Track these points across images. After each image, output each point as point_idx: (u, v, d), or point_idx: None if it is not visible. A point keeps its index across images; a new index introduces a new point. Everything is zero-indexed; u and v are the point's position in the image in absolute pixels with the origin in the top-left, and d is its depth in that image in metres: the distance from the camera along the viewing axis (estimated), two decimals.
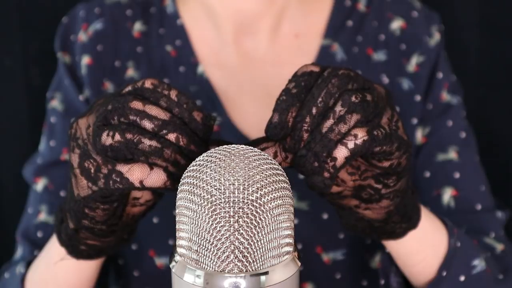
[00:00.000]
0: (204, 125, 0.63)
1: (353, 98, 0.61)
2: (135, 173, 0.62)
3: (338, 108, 0.61)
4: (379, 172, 0.66)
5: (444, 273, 0.80)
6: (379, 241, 0.79)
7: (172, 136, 0.61)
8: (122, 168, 0.63)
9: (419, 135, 0.96)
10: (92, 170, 0.64)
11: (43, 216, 0.95)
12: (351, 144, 0.61)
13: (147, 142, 0.61)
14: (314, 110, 0.61)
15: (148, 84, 0.63)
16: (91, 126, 0.64)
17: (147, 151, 0.61)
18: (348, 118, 0.61)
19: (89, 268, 0.81)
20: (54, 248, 0.79)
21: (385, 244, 0.79)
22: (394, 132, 0.63)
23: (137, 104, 0.62)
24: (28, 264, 0.88)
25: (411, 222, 0.74)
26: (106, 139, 0.61)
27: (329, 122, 0.61)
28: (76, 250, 0.74)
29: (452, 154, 0.95)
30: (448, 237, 0.81)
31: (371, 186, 0.67)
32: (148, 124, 0.61)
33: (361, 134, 0.61)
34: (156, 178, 0.62)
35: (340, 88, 0.62)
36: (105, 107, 0.63)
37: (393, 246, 0.79)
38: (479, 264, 0.83)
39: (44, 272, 0.84)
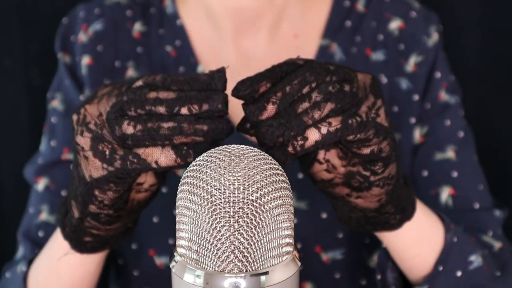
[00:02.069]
0: (212, 79, 0.64)
1: (330, 88, 0.63)
2: (151, 154, 0.64)
3: (315, 94, 0.63)
4: (364, 159, 0.67)
5: (441, 268, 0.81)
6: (373, 233, 0.79)
7: (184, 110, 0.63)
8: (139, 150, 0.65)
9: (417, 135, 0.96)
10: (107, 152, 0.66)
11: (44, 216, 0.95)
12: (324, 130, 0.63)
13: (165, 125, 0.63)
14: (287, 88, 0.63)
15: (158, 77, 0.65)
16: (104, 115, 0.66)
17: (168, 134, 0.63)
18: (323, 105, 0.63)
19: (92, 263, 0.81)
20: (57, 244, 0.80)
21: (380, 237, 0.79)
22: (371, 120, 0.65)
23: (152, 94, 0.64)
24: (30, 262, 0.88)
25: (406, 213, 0.75)
26: (127, 128, 0.63)
27: (305, 104, 0.63)
28: (80, 242, 0.74)
29: (450, 153, 0.95)
30: (444, 232, 0.81)
31: (360, 173, 0.68)
32: (161, 109, 0.63)
33: (335, 123, 0.63)
34: (168, 157, 0.64)
35: (317, 78, 0.63)
36: (120, 98, 0.64)
37: (389, 239, 0.79)
38: (476, 260, 0.83)
39: (47, 268, 0.84)
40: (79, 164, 0.68)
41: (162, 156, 0.64)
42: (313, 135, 0.63)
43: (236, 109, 0.95)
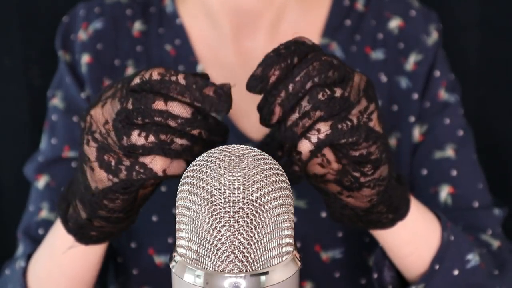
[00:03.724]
0: (219, 96, 0.64)
1: (320, 96, 0.63)
2: (158, 163, 0.65)
3: (305, 103, 0.64)
4: (353, 161, 0.67)
5: (437, 266, 0.81)
6: (366, 230, 0.79)
7: (195, 132, 0.64)
8: (145, 159, 0.65)
9: (417, 133, 0.96)
10: (113, 163, 0.66)
11: (44, 214, 0.95)
12: (314, 138, 0.64)
13: (178, 141, 0.64)
14: (290, 87, 0.64)
15: (155, 75, 0.64)
16: (110, 122, 0.65)
17: (179, 150, 0.64)
18: (312, 114, 0.64)
19: (95, 254, 0.81)
20: (58, 237, 0.80)
21: (375, 235, 0.80)
22: (362, 124, 0.65)
23: (159, 105, 0.64)
24: (28, 258, 0.88)
25: (399, 213, 0.75)
26: (138, 139, 0.64)
27: (294, 116, 0.64)
28: (85, 236, 0.75)
29: (449, 152, 0.95)
30: (441, 230, 0.81)
31: (350, 173, 0.68)
32: (173, 124, 0.64)
33: (323, 129, 0.64)
34: (178, 166, 0.65)
35: (320, 72, 0.64)
36: (125, 105, 0.64)
37: (383, 237, 0.79)
38: (473, 258, 0.83)
39: (48, 262, 0.84)
40: (85, 173, 0.68)
41: (172, 165, 0.65)
42: (305, 147, 0.64)
43: (236, 107, 0.95)
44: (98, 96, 0.68)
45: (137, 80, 0.65)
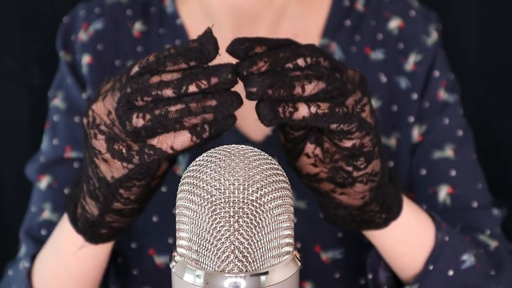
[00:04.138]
0: (202, 44, 0.62)
1: (322, 69, 0.63)
2: (164, 141, 0.64)
3: (307, 70, 0.63)
4: (346, 153, 0.67)
5: (431, 267, 0.81)
6: (360, 231, 0.79)
7: (193, 88, 0.62)
8: (152, 141, 0.64)
9: (416, 133, 0.96)
10: (124, 151, 0.66)
11: (46, 214, 0.96)
12: (313, 109, 0.62)
13: (173, 108, 0.62)
14: (280, 54, 0.63)
15: (151, 58, 0.64)
16: (113, 112, 0.65)
17: (177, 117, 0.62)
18: (314, 81, 0.62)
19: (104, 252, 0.82)
20: (64, 238, 0.80)
21: (368, 235, 0.80)
22: (356, 114, 0.65)
23: (155, 79, 0.63)
24: (32, 258, 0.88)
25: (391, 212, 0.75)
26: (137, 121, 0.63)
27: (297, 72, 0.62)
28: (96, 235, 0.75)
29: (449, 152, 0.96)
30: (435, 231, 0.81)
31: (343, 168, 0.68)
32: (168, 91, 0.62)
33: (323, 107, 0.63)
34: (183, 138, 0.64)
35: (311, 54, 0.63)
36: (124, 91, 0.64)
37: (376, 237, 0.79)
38: (468, 259, 0.83)
39: (54, 263, 0.84)
40: (98, 166, 0.68)
41: (177, 140, 0.64)
42: (303, 110, 0.62)
43: None
44: (97, 92, 0.69)
45: (136, 68, 0.65)
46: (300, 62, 0.63)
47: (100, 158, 0.67)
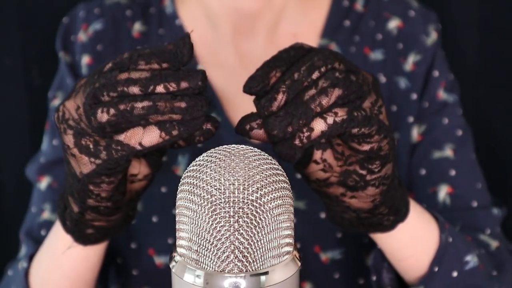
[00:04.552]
0: (177, 47, 0.62)
1: (337, 74, 0.62)
2: (132, 137, 0.63)
3: (322, 81, 0.62)
4: (362, 157, 0.67)
5: (436, 269, 0.81)
6: (367, 234, 0.79)
7: (160, 88, 0.61)
8: (119, 137, 0.64)
9: (415, 133, 0.96)
10: (91, 146, 0.65)
11: (46, 215, 0.96)
12: (330, 120, 0.62)
13: (139, 105, 0.61)
14: (295, 75, 0.62)
15: (125, 55, 0.64)
16: (81, 107, 0.65)
17: (142, 114, 0.62)
18: (330, 91, 0.62)
19: (95, 254, 0.81)
20: (58, 238, 0.80)
21: (374, 238, 0.79)
22: (374, 116, 0.64)
23: (123, 75, 0.63)
24: (30, 258, 0.88)
25: (399, 214, 0.75)
26: (102, 116, 0.62)
27: (312, 91, 0.62)
28: (83, 235, 0.75)
29: (448, 152, 0.96)
30: (439, 232, 0.81)
31: (356, 172, 0.68)
32: (135, 89, 0.62)
33: (341, 113, 0.62)
34: (151, 134, 0.63)
35: (325, 62, 0.63)
36: (93, 86, 0.64)
37: (382, 240, 0.79)
38: (471, 260, 0.83)
39: (49, 263, 0.84)
40: (69, 162, 0.68)
41: (145, 136, 0.63)
42: (319, 126, 0.62)
43: (236, 108, 0.95)
44: (72, 89, 0.68)
45: (109, 65, 0.64)
46: (315, 75, 0.62)
47: (69, 153, 0.67)
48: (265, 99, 0.62)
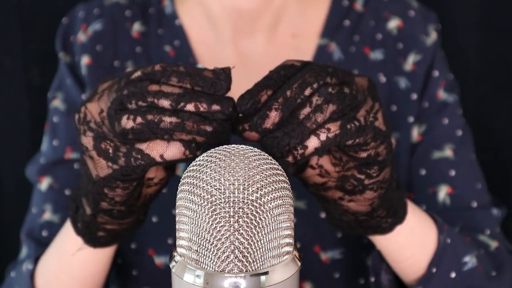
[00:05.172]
0: (218, 78, 0.63)
1: (330, 89, 0.62)
2: (155, 148, 0.64)
3: (315, 98, 0.62)
4: (360, 162, 0.67)
5: (434, 270, 0.81)
6: (365, 236, 0.79)
7: (190, 107, 0.62)
8: (141, 145, 0.64)
9: (415, 133, 0.96)
10: (111, 150, 0.65)
11: (47, 215, 0.96)
12: (323, 136, 0.62)
13: (167, 119, 0.62)
14: (288, 93, 0.62)
15: (158, 67, 0.64)
16: (105, 111, 0.65)
17: (169, 128, 0.62)
18: (324, 108, 0.62)
19: (105, 257, 0.81)
20: (68, 240, 0.80)
21: (373, 240, 0.80)
22: (369, 124, 0.65)
23: (154, 87, 0.63)
24: (36, 260, 0.88)
25: (397, 216, 0.75)
26: (127, 122, 0.63)
27: (306, 110, 0.62)
28: (93, 237, 0.75)
29: (448, 152, 0.96)
30: (437, 233, 0.81)
31: (355, 176, 0.68)
32: (165, 102, 0.62)
33: (334, 128, 0.62)
34: (175, 150, 0.63)
35: (317, 79, 0.63)
36: (120, 92, 0.64)
37: (381, 242, 0.79)
38: (470, 260, 0.83)
39: (56, 265, 0.84)
40: (86, 163, 0.68)
41: (169, 150, 0.63)
42: (312, 143, 0.62)
43: None
44: (94, 90, 0.68)
45: (138, 73, 0.65)
46: (308, 92, 0.63)
47: (87, 155, 0.67)
48: (257, 116, 0.62)
